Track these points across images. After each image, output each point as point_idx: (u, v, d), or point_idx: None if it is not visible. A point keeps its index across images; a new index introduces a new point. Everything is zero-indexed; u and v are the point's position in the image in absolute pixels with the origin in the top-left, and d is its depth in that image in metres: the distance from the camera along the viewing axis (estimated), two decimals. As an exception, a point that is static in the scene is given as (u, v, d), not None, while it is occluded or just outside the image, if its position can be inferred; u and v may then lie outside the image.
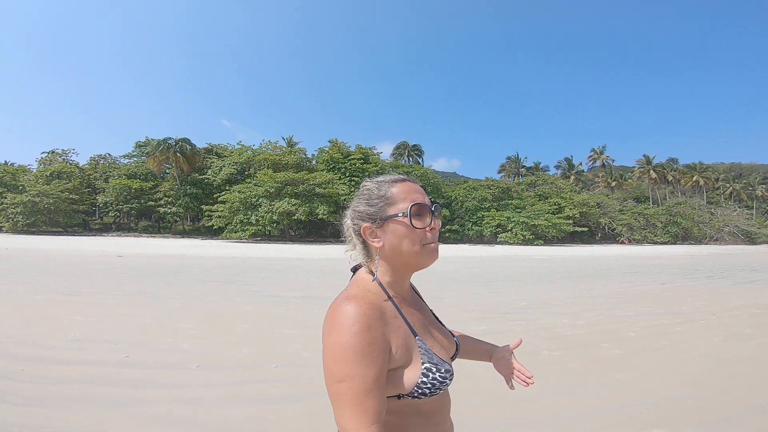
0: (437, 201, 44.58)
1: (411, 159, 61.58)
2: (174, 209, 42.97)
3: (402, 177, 1.00)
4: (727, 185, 65.24)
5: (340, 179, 39.95)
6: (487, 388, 3.17)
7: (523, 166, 65.30)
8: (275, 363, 3.84)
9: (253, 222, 36.40)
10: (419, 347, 0.91)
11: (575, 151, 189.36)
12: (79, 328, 4.95)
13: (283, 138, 52.33)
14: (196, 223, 48.95)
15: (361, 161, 42.90)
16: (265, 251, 23.62)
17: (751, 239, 46.86)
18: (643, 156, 63.01)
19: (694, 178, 62.58)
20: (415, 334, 0.93)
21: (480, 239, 43.41)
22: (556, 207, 44.47)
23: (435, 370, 0.89)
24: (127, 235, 41.41)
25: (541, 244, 40.35)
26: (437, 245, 0.96)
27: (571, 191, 49.86)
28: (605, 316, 6.41)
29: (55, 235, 39.44)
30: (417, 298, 1.10)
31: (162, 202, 43.42)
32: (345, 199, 35.10)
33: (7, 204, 40.90)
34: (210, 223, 40.14)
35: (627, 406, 3.02)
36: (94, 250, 20.37)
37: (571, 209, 43.85)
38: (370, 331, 0.82)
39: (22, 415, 2.70)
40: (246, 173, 43.75)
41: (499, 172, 67.32)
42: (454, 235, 43.91)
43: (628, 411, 2.93)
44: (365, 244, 0.98)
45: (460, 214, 44.65)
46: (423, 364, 0.90)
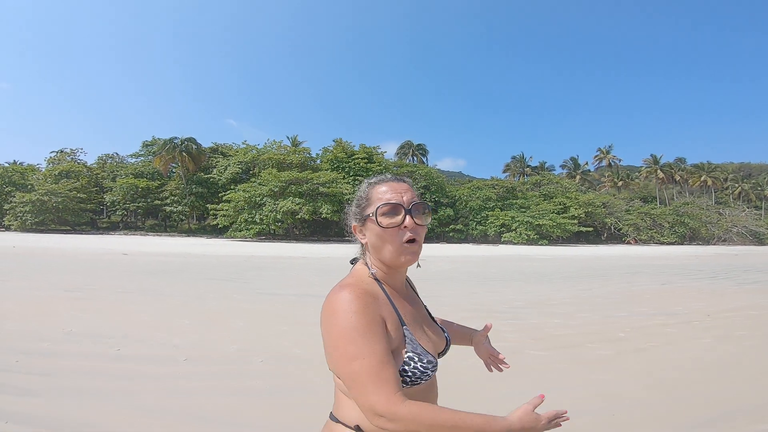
0: (441, 200, 44.69)
1: (415, 158, 61.54)
2: (180, 208, 43.43)
3: (388, 178, 1.04)
4: (736, 185, 64.36)
5: (344, 178, 40.10)
6: (457, 386, 3.19)
7: (528, 166, 64.99)
8: (261, 358, 3.92)
9: (258, 221, 36.66)
10: (405, 336, 0.96)
11: (582, 151, 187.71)
12: (77, 323, 5.08)
13: (287, 137, 52.70)
14: (202, 222, 49.38)
15: (365, 160, 43.02)
16: (269, 250, 23.79)
17: (759, 240, 46.19)
18: (651, 156, 62.46)
19: (702, 178, 61.88)
20: (402, 324, 0.97)
21: (484, 239, 43.28)
22: (561, 207, 44.21)
23: (417, 359, 0.93)
24: (133, 234, 41.92)
25: (546, 244, 40.15)
26: (415, 244, 0.98)
27: (576, 191, 49.56)
28: (599, 316, 6.41)
29: (63, 233, 40.02)
30: (412, 293, 1.15)
31: (168, 201, 43.89)
32: (348, 198, 34.83)
33: (16, 203, 41.60)
34: (215, 222, 40.53)
35: (601, 408, 3.00)
36: (100, 249, 20.68)
37: (576, 209, 43.59)
38: (368, 311, 0.88)
39: (12, 404, 2.81)
40: (251, 172, 44.05)
41: (504, 172, 67.05)
42: (458, 235, 43.83)
43: (601, 413, 2.91)
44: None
45: (464, 213, 44.54)
46: (406, 352, 0.93)
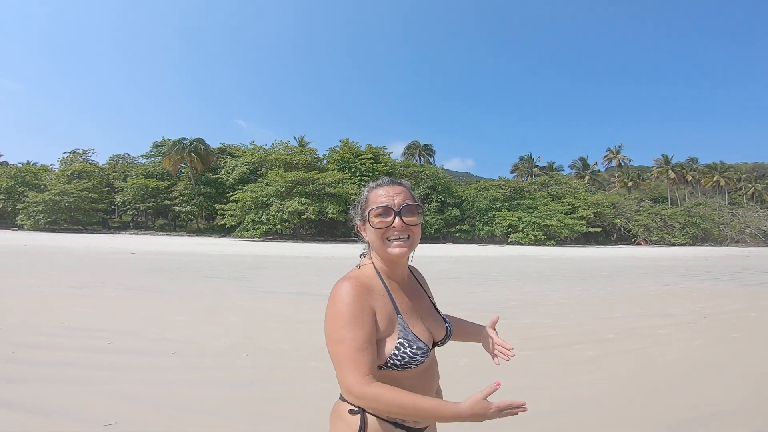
0: (448, 200, 44.60)
1: (422, 158, 61.53)
2: (189, 208, 44.07)
3: (385, 182, 1.16)
4: (749, 185, 63.03)
5: (350, 179, 40.26)
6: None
7: (536, 166, 64.54)
8: (247, 352, 4.02)
9: (264, 221, 37.04)
10: (398, 323, 1.07)
11: (591, 151, 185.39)
12: (75, 318, 5.24)
13: (294, 138, 53.12)
14: (211, 222, 50.00)
15: (371, 161, 43.15)
16: (274, 250, 24.02)
17: (773, 241, 45.26)
18: (662, 156, 61.50)
19: (715, 179, 60.73)
20: (398, 312, 1.08)
21: (491, 239, 43.09)
22: (569, 207, 43.86)
23: (407, 345, 1.04)
24: (143, 233, 42.65)
25: (553, 245, 39.80)
26: (403, 242, 1.09)
27: (585, 191, 49.06)
28: (592, 317, 6.37)
29: (75, 233, 40.87)
30: (415, 285, 1.25)
31: (177, 201, 44.56)
32: (355, 199, 35.20)
33: (29, 202, 42.57)
34: (223, 222, 41.00)
35: (573, 409, 2.97)
36: (109, 248, 21.10)
37: (584, 210, 43.19)
38: (359, 301, 1.01)
39: (2, 392, 2.97)
40: (258, 173, 44.48)
41: (511, 172, 66.73)
42: (465, 235, 43.72)
43: (572, 414, 2.89)
44: None
45: (471, 213, 44.41)
46: (398, 339, 1.04)
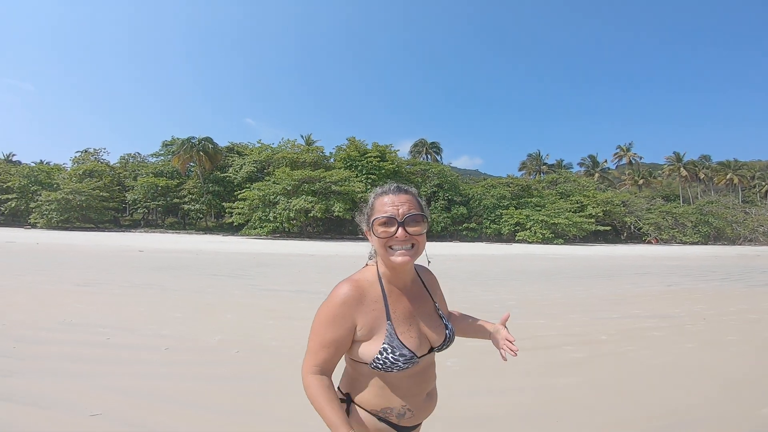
0: (454, 198, 44.46)
1: (429, 156, 61.33)
2: (197, 206, 44.61)
3: (392, 189, 1.18)
4: (763, 183, 61.52)
5: (356, 177, 40.34)
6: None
7: (544, 164, 63.83)
8: (238, 349, 4.13)
9: (271, 219, 37.32)
10: (386, 329, 1.12)
11: (601, 149, 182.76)
12: (77, 314, 5.41)
13: (301, 136, 53.40)
14: (220, 220, 50.57)
15: (378, 159, 43.11)
16: (280, 248, 24.23)
17: (788, 241, 44.19)
18: (674, 153, 60.40)
19: (728, 176, 59.43)
20: (388, 318, 1.13)
21: (498, 238, 42.84)
22: (578, 205, 43.34)
23: (390, 351, 1.09)
24: (153, 232, 43.32)
25: (561, 243, 39.42)
26: (406, 252, 1.11)
27: (594, 189, 48.44)
28: (587, 317, 6.32)
29: (87, 231, 41.67)
30: (419, 290, 1.27)
31: (186, 200, 45.13)
32: (361, 197, 35.36)
33: (42, 201, 43.45)
34: (231, 220, 41.43)
35: (550, 412, 2.92)
36: (118, 246, 21.53)
37: (593, 208, 42.63)
38: (343, 307, 1.10)
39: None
40: (265, 171, 44.81)
41: (519, 170, 66.10)
42: (472, 234, 43.52)
43: (547, 417, 2.84)
44: None
45: (478, 212, 44.18)
46: (383, 344, 1.10)
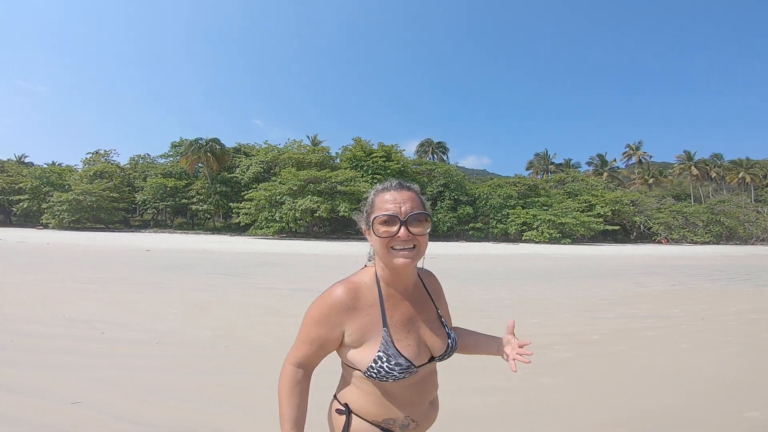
0: (461, 198, 44.30)
1: (435, 156, 61.20)
2: (205, 207, 45.18)
3: (393, 186, 1.10)
4: (777, 182, 60.35)
5: (362, 177, 40.44)
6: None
7: (552, 163, 63.28)
8: (227, 344, 4.21)
9: (278, 219, 37.64)
10: (382, 336, 1.04)
11: (610, 148, 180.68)
12: (76, 311, 5.55)
13: (307, 137, 53.70)
14: (228, 220, 51.11)
15: (383, 159, 43.19)
16: (285, 247, 24.41)
17: (802, 240, 43.20)
18: (684, 152, 59.46)
19: (740, 175, 58.28)
20: (384, 324, 1.06)
21: (505, 237, 42.60)
22: (586, 205, 42.90)
23: (385, 359, 1.02)
24: (162, 232, 43.96)
25: (569, 243, 39.05)
26: (408, 252, 1.03)
27: (603, 188, 47.93)
28: (583, 317, 6.25)
29: (97, 231, 42.43)
30: (421, 295, 1.19)
31: (194, 200, 45.74)
32: (366, 197, 35.34)
33: (53, 202, 44.37)
34: (237, 220, 41.85)
35: (525, 412, 2.90)
36: (127, 245, 21.90)
37: (602, 207, 42.17)
38: (331, 308, 1.05)
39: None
40: (272, 171, 45.17)
41: (527, 169, 65.65)
42: (478, 233, 43.35)
43: (520, 418, 2.82)
44: None
45: (485, 211, 43.99)
46: (378, 351, 1.03)
